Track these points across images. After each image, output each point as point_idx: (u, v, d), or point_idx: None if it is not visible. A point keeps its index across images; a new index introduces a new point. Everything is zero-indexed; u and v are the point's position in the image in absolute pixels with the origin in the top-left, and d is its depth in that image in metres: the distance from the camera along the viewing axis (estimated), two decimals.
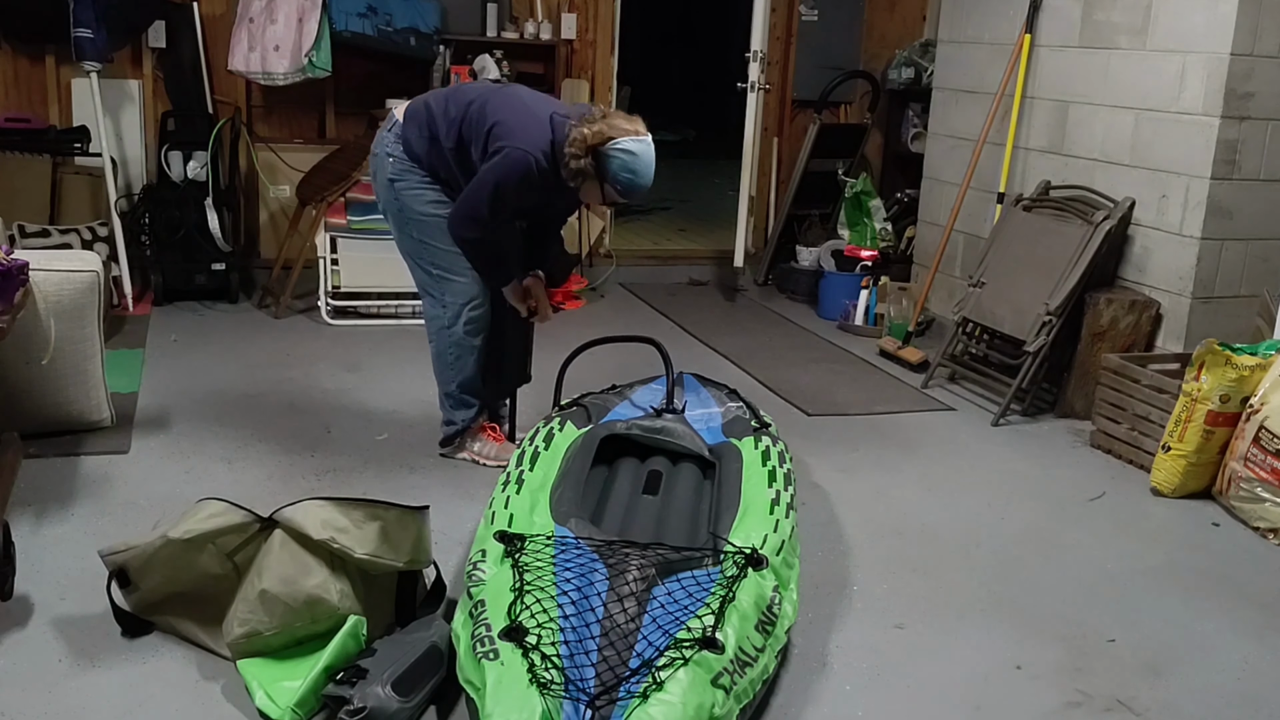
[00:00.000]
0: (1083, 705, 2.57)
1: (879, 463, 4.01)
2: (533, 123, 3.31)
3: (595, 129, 3.21)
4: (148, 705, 2.39)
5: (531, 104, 3.41)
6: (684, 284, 6.72)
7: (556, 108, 3.41)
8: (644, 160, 3.24)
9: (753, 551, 2.51)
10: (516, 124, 3.31)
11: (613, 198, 3.33)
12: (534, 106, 3.39)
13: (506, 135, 3.29)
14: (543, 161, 3.27)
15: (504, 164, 3.28)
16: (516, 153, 3.26)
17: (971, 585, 3.12)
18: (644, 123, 3.28)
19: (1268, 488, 3.51)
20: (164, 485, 3.48)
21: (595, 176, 3.26)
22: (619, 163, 3.22)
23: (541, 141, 3.28)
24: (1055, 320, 4.42)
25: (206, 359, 4.76)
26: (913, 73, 6.77)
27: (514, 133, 3.29)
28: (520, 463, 2.93)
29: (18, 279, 3.19)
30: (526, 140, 3.27)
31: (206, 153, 5.49)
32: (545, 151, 3.28)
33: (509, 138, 3.28)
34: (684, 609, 2.30)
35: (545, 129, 3.30)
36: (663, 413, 3.25)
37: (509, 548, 2.48)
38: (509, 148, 3.27)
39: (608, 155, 3.21)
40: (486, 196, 3.31)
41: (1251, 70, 4.17)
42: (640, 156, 3.23)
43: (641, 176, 3.25)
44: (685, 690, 2.09)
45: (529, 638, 2.18)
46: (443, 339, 3.66)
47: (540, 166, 3.27)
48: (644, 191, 3.32)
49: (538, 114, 3.34)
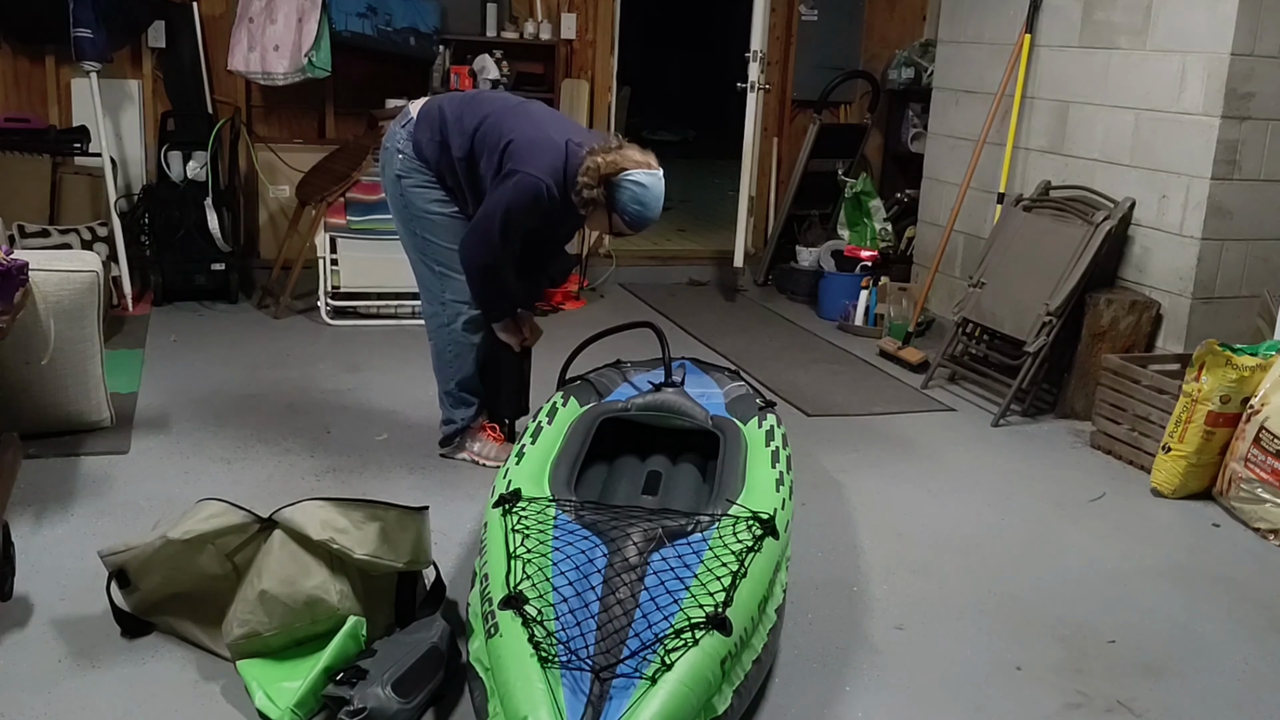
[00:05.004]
0: (1083, 706, 2.57)
1: (879, 463, 4.01)
2: (547, 146, 3.32)
3: (610, 159, 3.24)
4: (148, 705, 2.39)
5: (548, 126, 3.41)
6: (684, 284, 6.72)
7: (572, 132, 3.42)
8: (654, 194, 3.27)
9: (770, 518, 2.48)
10: (530, 147, 3.31)
11: (619, 228, 3.35)
12: (550, 129, 3.39)
13: (519, 158, 3.30)
14: (554, 189, 3.29)
15: (515, 190, 3.29)
16: (529, 179, 3.28)
17: (971, 585, 3.12)
18: (656, 159, 3.32)
19: (1268, 488, 3.51)
20: (164, 485, 3.48)
21: (605, 206, 3.28)
22: (629, 194, 3.24)
23: (554, 167, 3.29)
24: (1055, 320, 4.42)
25: (206, 359, 4.76)
26: (913, 73, 6.78)
27: (527, 156, 3.30)
28: (524, 436, 2.96)
29: (17, 279, 3.19)
30: (539, 165, 3.28)
31: (206, 153, 5.49)
32: (557, 178, 3.29)
33: (522, 162, 3.29)
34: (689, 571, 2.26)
35: (559, 154, 3.30)
36: (662, 387, 3.25)
37: (505, 508, 2.48)
38: (521, 173, 3.28)
39: (619, 186, 3.24)
40: (498, 222, 3.32)
41: (1252, 70, 4.17)
42: (650, 189, 3.26)
43: (650, 210, 3.29)
44: (694, 672, 2.07)
45: (528, 607, 2.17)
46: (442, 336, 3.67)
47: (551, 193, 3.29)
48: (651, 224, 3.36)
49: (553, 137, 3.34)
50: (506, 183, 3.30)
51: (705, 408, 3.14)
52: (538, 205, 3.31)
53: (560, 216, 3.41)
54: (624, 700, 2.01)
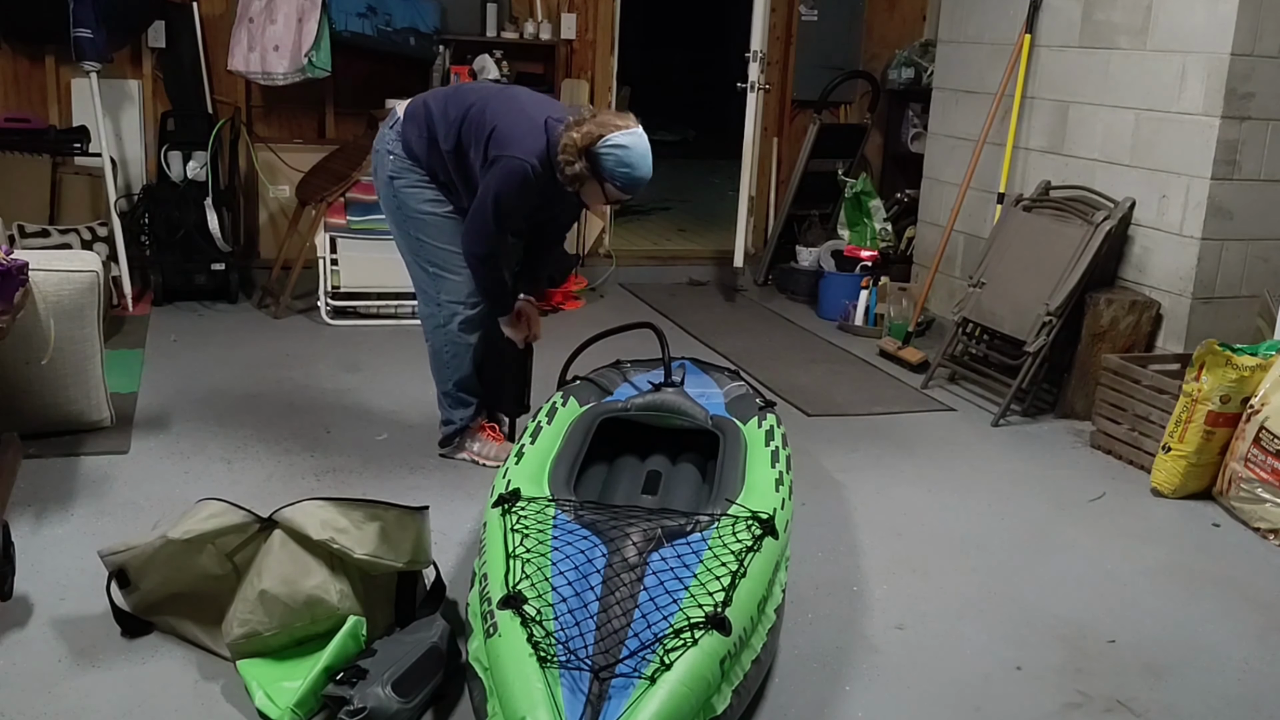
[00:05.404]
0: (1083, 706, 2.57)
1: (879, 463, 4.01)
2: (528, 128, 3.32)
3: (584, 130, 3.21)
4: (148, 705, 2.38)
5: (529, 107, 3.41)
6: (684, 284, 6.72)
7: (552, 111, 3.41)
8: (638, 152, 3.22)
9: (770, 518, 2.47)
10: (513, 130, 3.32)
11: (615, 195, 3.33)
12: (530, 110, 3.38)
13: (503, 143, 3.30)
14: (538, 167, 3.29)
15: (501, 174, 3.30)
16: (513, 162, 3.28)
17: (971, 585, 3.12)
18: (635, 117, 3.27)
19: (1268, 488, 3.51)
20: (164, 485, 3.48)
21: (593, 177, 3.26)
22: (613, 159, 3.21)
23: (536, 148, 3.29)
24: (1055, 320, 4.42)
25: (206, 359, 4.76)
26: (913, 73, 6.78)
27: (510, 141, 3.30)
28: (523, 436, 2.97)
29: (17, 279, 3.19)
30: (521, 148, 3.28)
31: (206, 153, 5.49)
32: (541, 158, 3.29)
33: (505, 146, 3.30)
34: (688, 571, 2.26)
35: (540, 134, 3.30)
36: (661, 387, 3.25)
37: (505, 508, 2.48)
38: (505, 157, 3.29)
39: (600, 154, 3.21)
40: (490, 209, 3.33)
41: (1252, 70, 4.17)
42: (633, 149, 3.21)
43: (639, 169, 3.24)
44: (693, 672, 2.07)
45: (527, 606, 2.16)
46: (438, 337, 3.67)
47: (536, 172, 3.29)
48: (644, 183, 3.30)
49: (534, 118, 3.34)
50: (493, 170, 3.31)
51: (705, 407, 3.14)
52: (526, 186, 3.31)
53: (554, 194, 3.40)
54: (623, 700, 2.00)
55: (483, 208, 3.35)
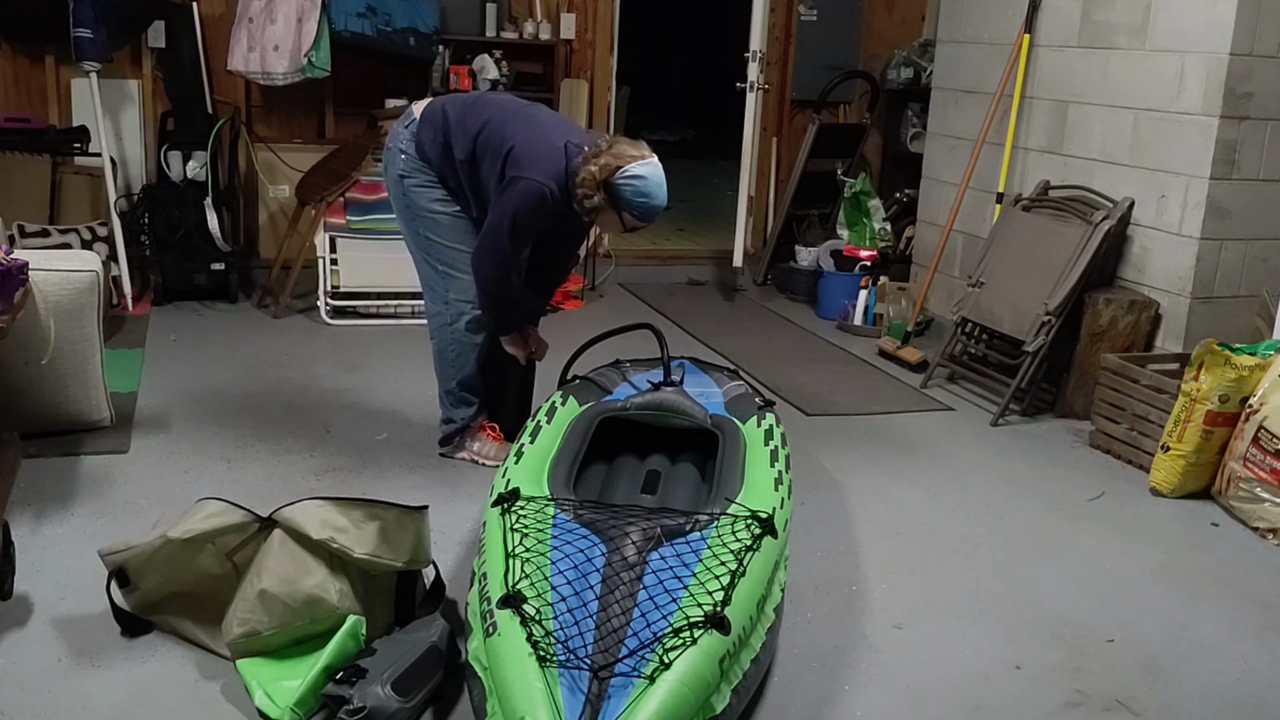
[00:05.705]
0: (1082, 705, 2.57)
1: (878, 463, 4.01)
2: (548, 150, 3.34)
3: (601, 163, 3.25)
4: (148, 705, 2.39)
5: (548, 129, 3.43)
6: (683, 284, 6.72)
7: (571, 135, 3.43)
8: (654, 182, 3.28)
9: (769, 516, 2.48)
10: (532, 151, 3.33)
11: (632, 224, 3.37)
12: (550, 132, 3.41)
13: (521, 164, 3.32)
14: (556, 192, 3.32)
15: (520, 196, 3.31)
16: (532, 184, 3.30)
17: (971, 585, 3.13)
18: (648, 145, 3.33)
19: (1267, 488, 3.52)
20: (164, 485, 3.48)
21: (611, 208, 3.30)
22: (631, 189, 3.25)
23: (555, 171, 3.31)
24: (1054, 320, 4.42)
25: (206, 359, 4.76)
26: (912, 73, 6.78)
27: (529, 162, 3.32)
28: (523, 435, 2.97)
29: (17, 279, 3.19)
30: (540, 170, 3.31)
31: (206, 153, 5.50)
32: (560, 181, 3.32)
33: (524, 168, 3.31)
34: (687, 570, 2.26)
35: (560, 158, 3.32)
36: (661, 386, 3.26)
37: (504, 507, 2.48)
38: (524, 179, 3.31)
39: (619, 185, 3.25)
40: (506, 228, 3.34)
41: (1251, 70, 4.17)
42: (650, 179, 3.27)
43: (655, 199, 3.30)
44: (692, 672, 2.07)
45: (526, 606, 2.16)
46: (444, 336, 3.68)
47: (554, 196, 3.32)
48: (660, 211, 3.36)
49: (552, 140, 3.36)
50: (511, 189, 3.33)
51: (704, 407, 3.15)
52: (543, 209, 3.34)
53: (566, 217, 3.43)
54: (622, 699, 2.00)
55: (498, 227, 3.36)
